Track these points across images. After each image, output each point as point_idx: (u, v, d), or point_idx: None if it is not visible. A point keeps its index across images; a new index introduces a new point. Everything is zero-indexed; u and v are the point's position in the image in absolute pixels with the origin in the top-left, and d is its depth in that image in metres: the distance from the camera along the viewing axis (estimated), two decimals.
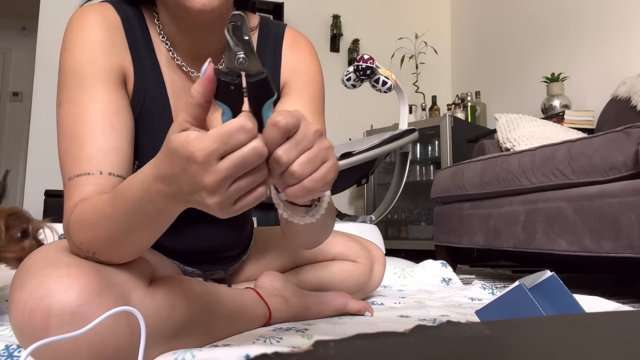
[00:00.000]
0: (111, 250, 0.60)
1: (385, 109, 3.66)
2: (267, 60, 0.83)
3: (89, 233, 0.59)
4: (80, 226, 0.60)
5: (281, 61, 0.83)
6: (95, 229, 0.58)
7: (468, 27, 3.92)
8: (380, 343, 0.24)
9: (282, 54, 0.83)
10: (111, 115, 0.68)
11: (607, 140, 1.42)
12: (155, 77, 0.76)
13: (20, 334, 0.55)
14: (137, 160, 0.74)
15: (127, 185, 0.55)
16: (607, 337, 0.30)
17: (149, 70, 0.75)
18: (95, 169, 0.64)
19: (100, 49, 0.70)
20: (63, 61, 0.70)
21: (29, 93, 3.68)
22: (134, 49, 0.74)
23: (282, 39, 0.84)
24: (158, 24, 0.76)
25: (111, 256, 0.61)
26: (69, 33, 0.71)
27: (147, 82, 0.75)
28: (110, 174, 0.65)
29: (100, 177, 0.64)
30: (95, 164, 0.65)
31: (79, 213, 0.60)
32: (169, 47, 0.76)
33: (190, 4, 0.66)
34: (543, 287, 0.75)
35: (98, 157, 0.65)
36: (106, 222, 0.57)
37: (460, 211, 2.05)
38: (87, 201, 0.61)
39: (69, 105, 0.67)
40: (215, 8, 0.66)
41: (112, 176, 0.65)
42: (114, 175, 0.66)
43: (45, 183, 3.07)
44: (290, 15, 3.63)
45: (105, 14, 0.73)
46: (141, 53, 0.75)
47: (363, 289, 1.10)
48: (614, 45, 2.64)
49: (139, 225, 0.56)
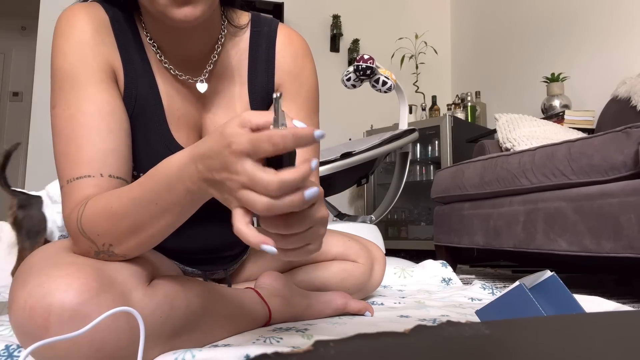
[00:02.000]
0: (131, 239, 0.60)
1: (385, 109, 3.66)
2: (260, 63, 0.81)
3: (110, 223, 0.59)
4: (98, 217, 0.60)
5: (275, 62, 0.82)
6: (118, 216, 0.59)
7: (468, 27, 3.92)
8: (380, 343, 0.24)
9: (275, 54, 0.82)
10: (107, 116, 0.67)
11: (607, 140, 1.42)
12: (146, 77, 0.75)
13: (20, 333, 0.56)
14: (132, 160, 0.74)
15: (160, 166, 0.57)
16: (607, 337, 0.30)
17: (140, 70, 0.75)
18: (95, 172, 0.64)
19: (90, 47, 0.70)
20: (54, 62, 0.70)
21: (29, 93, 3.68)
22: (123, 49, 0.73)
23: (275, 38, 0.82)
24: (144, 27, 0.76)
25: (129, 247, 0.61)
26: (58, 34, 0.71)
27: (138, 82, 0.74)
28: (111, 176, 0.65)
29: (100, 180, 0.64)
30: (95, 166, 0.64)
31: (96, 205, 0.60)
32: (156, 49, 0.76)
33: (172, 14, 0.64)
34: (543, 287, 0.75)
35: (97, 159, 0.65)
36: (133, 206, 0.58)
37: (460, 211, 2.05)
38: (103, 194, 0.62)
39: (63, 107, 0.67)
40: (199, 17, 0.65)
41: (112, 178, 0.65)
42: (114, 177, 0.65)
43: (45, 183, 3.07)
44: (290, 15, 3.63)
45: (93, 13, 0.72)
46: (130, 53, 0.74)
47: (363, 289, 1.10)
48: (614, 45, 2.64)
49: (166, 207, 0.57)
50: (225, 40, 0.80)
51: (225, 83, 0.80)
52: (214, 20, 0.76)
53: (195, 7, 0.64)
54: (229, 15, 0.80)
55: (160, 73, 0.76)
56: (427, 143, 3.25)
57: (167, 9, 0.64)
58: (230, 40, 0.80)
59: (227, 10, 0.80)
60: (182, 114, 0.77)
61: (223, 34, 0.79)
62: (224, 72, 0.80)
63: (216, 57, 0.78)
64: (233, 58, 0.80)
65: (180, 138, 0.76)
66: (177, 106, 0.77)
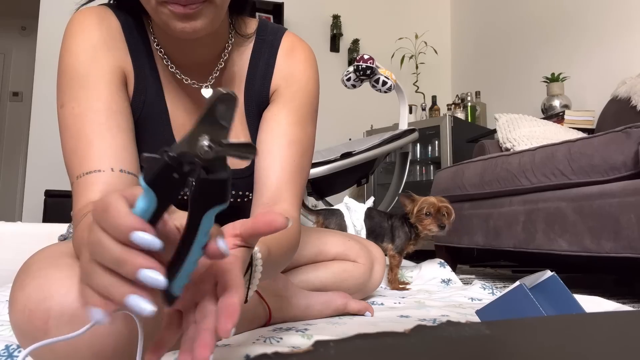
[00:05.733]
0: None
1: (385, 109, 3.66)
2: (259, 69, 0.82)
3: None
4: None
5: (274, 70, 0.82)
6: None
7: (468, 27, 3.92)
8: (380, 343, 0.24)
9: (276, 62, 0.82)
10: (116, 114, 0.68)
11: (607, 140, 1.42)
12: (154, 83, 0.76)
13: (20, 335, 0.55)
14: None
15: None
16: (607, 337, 0.30)
17: (148, 76, 0.75)
18: (106, 166, 0.64)
19: (102, 50, 0.70)
20: (64, 62, 0.70)
21: (29, 93, 3.68)
22: (134, 54, 0.74)
23: (278, 47, 0.83)
24: (152, 32, 0.76)
25: None
26: (69, 35, 0.71)
27: (147, 87, 0.75)
28: (122, 171, 0.65)
29: (111, 175, 0.64)
30: (106, 161, 0.64)
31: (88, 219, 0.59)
32: (163, 54, 0.76)
33: (174, 27, 0.65)
34: (543, 287, 0.75)
35: (108, 155, 0.64)
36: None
37: (460, 211, 2.05)
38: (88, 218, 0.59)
39: (73, 105, 0.67)
40: (199, 31, 0.66)
41: (123, 173, 0.65)
42: (126, 172, 0.65)
43: (45, 183, 3.07)
44: (290, 15, 3.63)
45: (106, 18, 0.73)
46: (140, 58, 0.75)
47: (363, 289, 1.10)
48: (614, 45, 2.64)
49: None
50: (232, 48, 0.81)
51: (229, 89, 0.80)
52: (220, 29, 0.77)
53: (195, 22, 0.65)
54: (237, 23, 0.81)
55: (166, 79, 0.77)
56: (427, 143, 3.25)
57: (170, 20, 0.65)
58: (237, 48, 0.82)
59: (236, 19, 0.81)
60: (185, 120, 0.78)
61: (230, 43, 0.80)
62: (228, 78, 0.81)
63: (222, 65, 0.79)
64: (236, 65, 0.81)
65: None
66: (181, 112, 0.78)
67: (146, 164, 0.34)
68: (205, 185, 0.34)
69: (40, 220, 2.93)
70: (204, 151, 0.33)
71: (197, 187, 0.34)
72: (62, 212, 2.47)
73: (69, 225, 0.94)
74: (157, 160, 0.33)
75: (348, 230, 1.56)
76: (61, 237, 0.94)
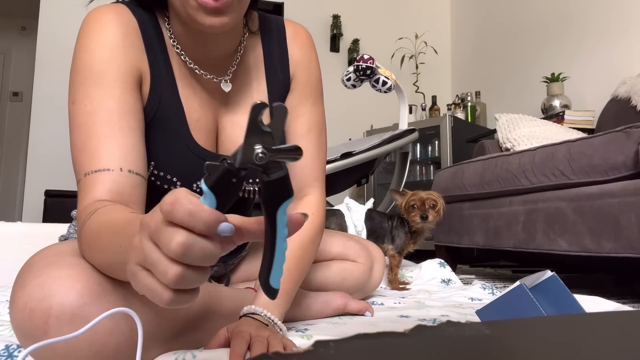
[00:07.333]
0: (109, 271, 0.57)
1: (385, 109, 3.66)
2: (275, 60, 0.84)
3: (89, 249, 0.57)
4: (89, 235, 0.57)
5: (289, 59, 0.85)
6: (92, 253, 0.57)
7: (468, 27, 3.92)
8: (380, 343, 0.24)
9: (288, 51, 0.85)
10: (127, 114, 0.68)
11: (607, 140, 1.42)
12: (169, 79, 0.76)
13: (20, 334, 0.55)
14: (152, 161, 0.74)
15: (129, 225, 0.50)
16: (607, 337, 0.30)
17: (164, 72, 0.75)
18: (115, 166, 0.64)
19: (120, 49, 0.70)
20: (80, 59, 0.69)
21: (29, 93, 3.68)
22: (150, 52, 0.74)
23: (284, 33, 0.86)
24: (169, 27, 0.76)
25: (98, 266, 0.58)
26: (86, 32, 0.70)
27: (162, 84, 0.75)
28: (130, 172, 0.65)
29: (120, 175, 0.63)
30: (116, 161, 0.64)
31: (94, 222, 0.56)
32: (180, 50, 0.76)
33: (203, 21, 0.66)
34: (543, 287, 0.75)
35: (118, 154, 0.64)
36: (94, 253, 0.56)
37: (461, 211, 2.05)
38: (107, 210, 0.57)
39: (85, 102, 0.67)
40: (227, 26, 0.67)
41: (131, 174, 0.65)
42: (134, 172, 0.65)
43: (45, 183, 3.07)
44: (290, 16, 3.63)
45: (123, 15, 0.72)
46: (156, 55, 0.75)
47: (363, 289, 1.10)
48: (614, 45, 2.64)
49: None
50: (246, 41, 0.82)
51: (245, 81, 0.83)
52: (239, 24, 0.78)
53: (224, 17, 0.66)
54: (249, 17, 0.83)
55: (181, 75, 0.77)
56: (427, 143, 3.25)
57: (198, 14, 0.66)
58: (249, 41, 0.83)
59: (248, 13, 0.81)
60: (200, 115, 0.78)
61: (245, 37, 0.81)
62: (246, 71, 0.82)
63: (239, 58, 0.80)
64: (250, 57, 0.83)
65: (200, 138, 0.78)
66: (196, 107, 0.78)
67: (208, 171, 0.38)
68: (269, 186, 0.39)
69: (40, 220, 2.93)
70: (259, 158, 0.37)
71: (264, 189, 0.39)
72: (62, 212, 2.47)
73: (70, 225, 0.94)
74: (218, 167, 0.38)
75: (349, 231, 1.56)
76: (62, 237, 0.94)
